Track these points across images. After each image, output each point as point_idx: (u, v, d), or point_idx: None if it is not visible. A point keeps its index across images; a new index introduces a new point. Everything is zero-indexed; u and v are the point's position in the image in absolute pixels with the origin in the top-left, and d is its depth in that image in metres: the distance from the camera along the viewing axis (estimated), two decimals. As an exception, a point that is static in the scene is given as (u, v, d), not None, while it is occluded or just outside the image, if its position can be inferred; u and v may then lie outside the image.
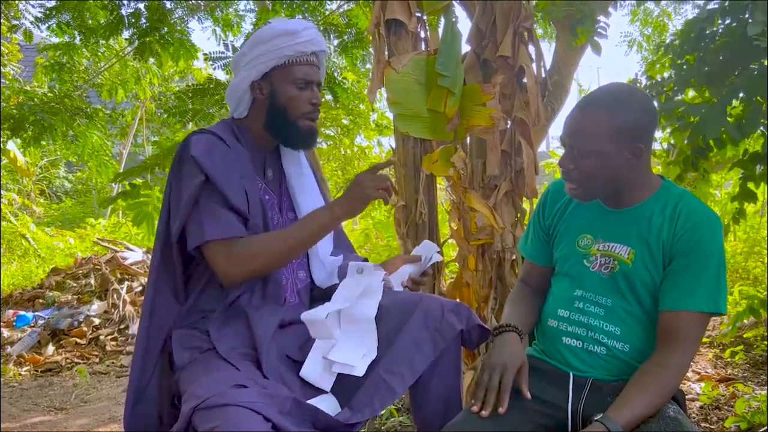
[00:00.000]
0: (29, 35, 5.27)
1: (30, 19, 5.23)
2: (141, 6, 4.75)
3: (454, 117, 2.27)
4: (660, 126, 2.25)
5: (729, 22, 2.06)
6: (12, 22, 5.27)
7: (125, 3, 4.72)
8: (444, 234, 2.72)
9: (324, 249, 1.63)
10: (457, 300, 2.41)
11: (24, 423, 2.96)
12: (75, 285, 5.26)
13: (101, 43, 5.31)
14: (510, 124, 2.36)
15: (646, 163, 1.35)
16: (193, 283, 1.51)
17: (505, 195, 2.36)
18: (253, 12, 5.78)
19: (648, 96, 1.37)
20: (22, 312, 4.70)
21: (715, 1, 2.15)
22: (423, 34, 2.44)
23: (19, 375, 3.79)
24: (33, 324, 4.54)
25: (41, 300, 5.04)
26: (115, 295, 4.83)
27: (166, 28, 4.73)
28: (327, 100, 5.15)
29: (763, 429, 2.27)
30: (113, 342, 4.34)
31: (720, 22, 2.09)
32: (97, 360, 4.07)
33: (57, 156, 11.04)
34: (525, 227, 1.64)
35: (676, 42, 2.20)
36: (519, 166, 2.36)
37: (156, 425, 1.48)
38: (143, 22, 4.69)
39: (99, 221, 9.18)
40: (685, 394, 2.75)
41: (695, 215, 1.31)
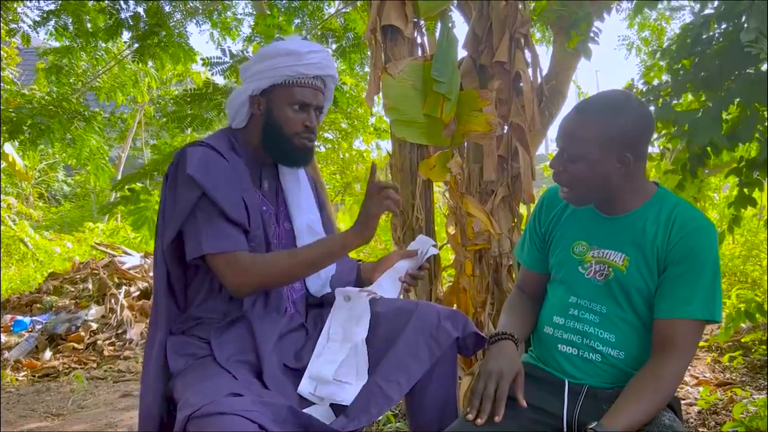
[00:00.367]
0: (27, 39, 5.27)
1: (28, 23, 5.23)
2: (140, 9, 4.76)
3: (450, 122, 2.27)
4: (657, 130, 2.25)
5: (725, 27, 2.05)
6: (10, 26, 5.27)
7: (123, 7, 4.73)
8: (441, 239, 2.72)
9: None
10: (454, 307, 2.41)
11: (21, 429, 2.95)
12: (73, 289, 5.24)
13: (100, 46, 5.32)
14: (507, 129, 2.36)
15: (638, 171, 1.34)
16: (193, 292, 1.52)
17: (502, 200, 2.37)
18: (251, 15, 5.80)
19: (644, 105, 1.37)
20: (19, 317, 4.69)
21: (711, 6, 2.15)
22: (419, 39, 2.45)
23: (17, 380, 3.77)
24: (30, 329, 4.52)
25: (39, 305, 5.03)
26: (113, 300, 4.81)
27: (164, 31, 4.74)
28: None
29: (761, 434, 2.27)
30: (111, 347, 4.33)
31: (716, 27, 2.08)
32: (95, 365, 4.05)
33: (56, 159, 11.05)
34: (522, 232, 1.64)
35: (672, 47, 2.19)
36: (516, 171, 2.37)
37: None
38: (142, 25, 4.69)
39: (97, 225, 9.18)
40: (683, 398, 2.76)
41: (690, 223, 1.31)
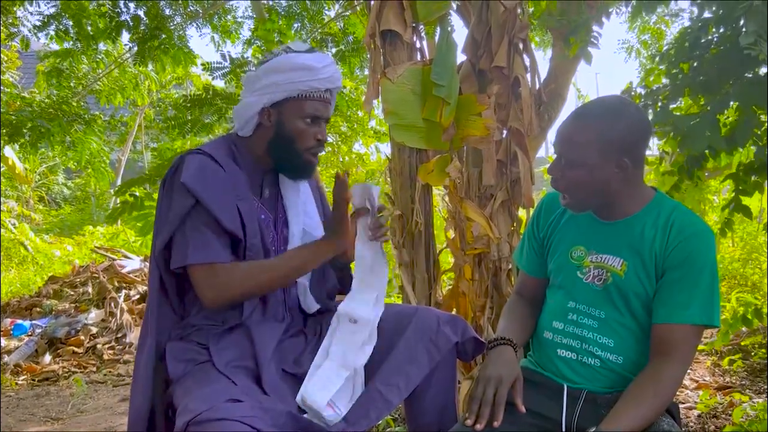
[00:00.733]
0: (26, 43, 5.27)
1: (28, 27, 5.25)
2: (140, 12, 4.77)
3: (449, 127, 2.27)
4: (656, 134, 2.25)
5: (723, 30, 2.06)
6: (11, 30, 5.28)
7: (124, 10, 4.73)
8: (441, 242, 2.72)
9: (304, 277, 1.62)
10: (453, 311, 2.41)
11: (20, 433, 2.95)
12: (72, 293, 5.24)
13: (101, 49, 5.32)
14: (505, 133, 2.37)
15: (636, 176, 1.35)
16: (191, 300, 1.52)
17: (501, 204, 2.37)
18: (251, 18, 5.80)
19: (641, 111, 1.37)
20: (19, 321, 4.68)
21: (710, 10, 2.16)
22: (418, 44, 2.45)
23: (16, 384, 3.77)
24: (30, 333, 4.51)
25: (38, 308, 5.02)
26: (113, 304, 4.80)
27: (164, 34, 4.75)
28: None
29: (761, 438, 2.27)
30: (110, 351, 4.32)
31: (714, 30, 2.08)
32: (95, 369, 4.05)
33: (56, 162, 11.05)
34: (521, 236, 1.65)
35: (671, 51, 2.19)
36: (515, 175, 2.37)
37: None
38: (142, 28, 4.70)
39: (97, 228, 9.18)
40: (683, 402, 2.75)
41: (688, 227, 1.31)
